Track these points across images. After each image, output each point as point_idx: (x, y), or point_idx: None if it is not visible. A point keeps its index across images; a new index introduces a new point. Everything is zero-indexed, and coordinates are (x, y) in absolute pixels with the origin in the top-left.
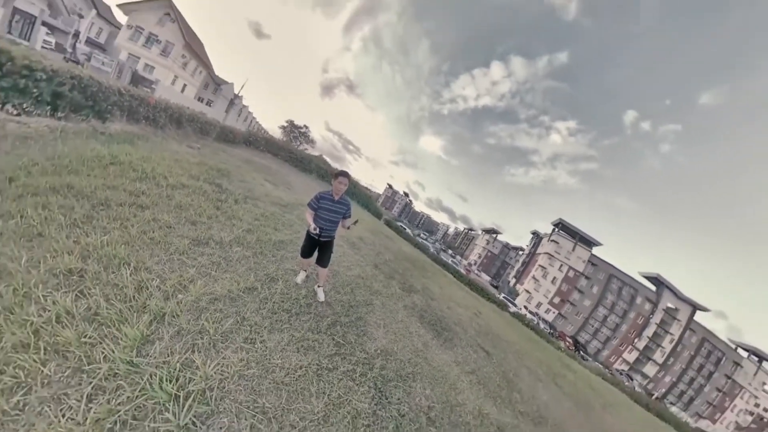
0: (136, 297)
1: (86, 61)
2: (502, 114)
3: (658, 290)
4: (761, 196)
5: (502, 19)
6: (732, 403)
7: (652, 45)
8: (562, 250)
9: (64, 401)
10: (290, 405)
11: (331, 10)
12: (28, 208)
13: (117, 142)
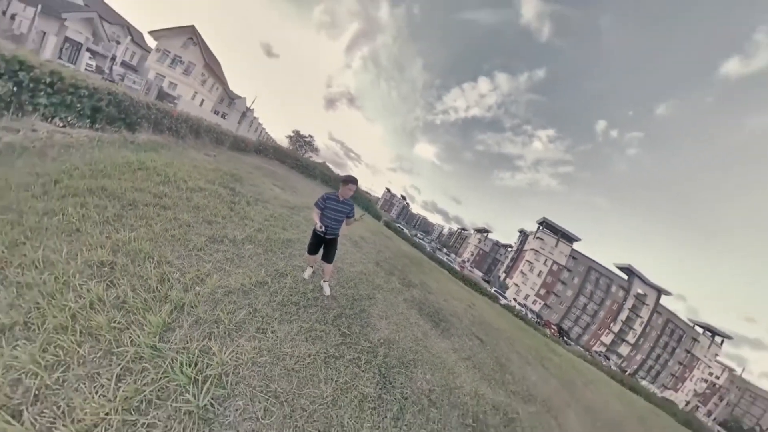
0: (158, 288)
1: (120, 80)
2: (490, 123)
3: (630, 279)
4: (713, 192)
5: (486, 41)
6: (691, 373)
7: (614, 64)
8: (546, 246)
9: (97, 379)
10: (301, 390)
11: (334, 32)
12: (68, 207)
13: (144, 150)
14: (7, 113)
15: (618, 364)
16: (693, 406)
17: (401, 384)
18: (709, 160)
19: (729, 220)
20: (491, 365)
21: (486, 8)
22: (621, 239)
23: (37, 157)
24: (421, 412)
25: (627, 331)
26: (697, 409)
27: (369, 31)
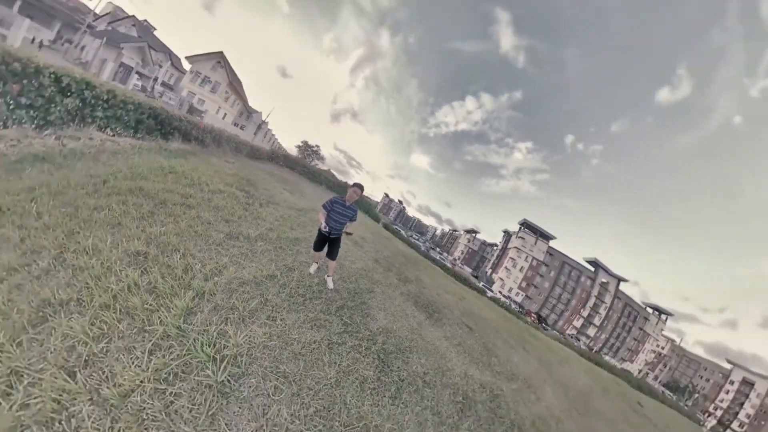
0: (183, 276)
1: (159, 97)
2: (476, 136)
3: (596, 270)
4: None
5: (472, 66)
6: (643, 346)
7: (577, 88)
8: (527, 244)
9: (133, 352)
10: (307, 371)
11: (341, 56)
12: (113, 204)
13: (174, 157)
14: (72, 124)
15: (586, 344)
16: (644, 373)
17: (398, 368)
18: (653, 169)
19: (671, 216)
20: (479, 350)
21: (471, 40)
22: (588, 236)
23: (92, 161)
24: (416, 391)
25: (594, 315)
26: (647, 375)
27: (371, 56)
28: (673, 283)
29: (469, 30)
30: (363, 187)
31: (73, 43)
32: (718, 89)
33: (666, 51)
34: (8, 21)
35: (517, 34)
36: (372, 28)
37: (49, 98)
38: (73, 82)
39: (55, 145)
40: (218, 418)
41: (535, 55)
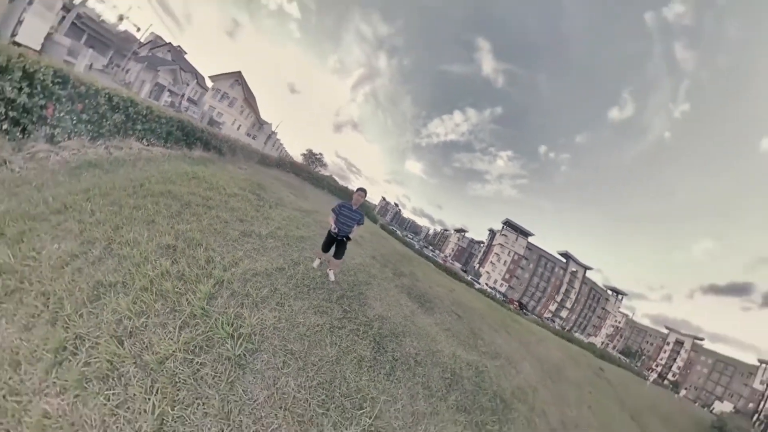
0: (205, 267)
1: (185, 111)
2: (463, 146)
3: (567, 261)
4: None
5: (459, 85)
6: (604, 322)
7: (548, 106)
8: (509, 241)
9: (166, 327)
10: (311, 350)
11: (343, 75)
12: (148, 204)
13: (197, 164)
14: (118, 136)
15: (560, 324)
16: (605, 344)
17: (392, 349)
18: (611, 173)
19: (625, 212)
20: (466, 334)
21: (457, 63)
22: (560, 231)
23: (131, 167)
24: (408, 369)
25: (566, 300)
26: (607, 346)
27: (370, 75)
28: (627, 268)
29: (456, 55)
30: (366, 191)
31: (121, 66)
32: (652, 111)
33: (614, 77)
34: (77, 51)
35: (496, 60)
36: (372, 51)
37: (102, 114)
38: (121, 101)
39: (104, 153)
40: (236, 385)
41: (512, 78)
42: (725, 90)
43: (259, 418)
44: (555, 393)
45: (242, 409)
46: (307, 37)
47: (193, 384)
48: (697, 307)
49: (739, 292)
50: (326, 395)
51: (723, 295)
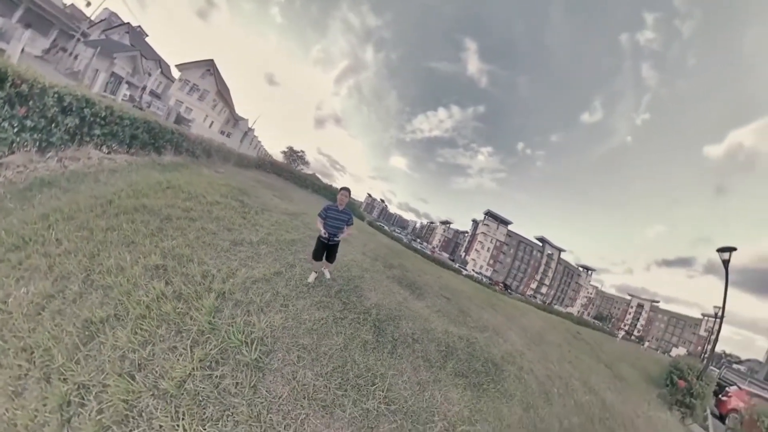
0: (203, 282)
1: (147, 107)
2: (447, 141)
3: (543, 245)
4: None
5: (444, 82)
6: (578, 294)
7: (526, 106)
8: (491, 230)
9: (176, 350)
10: (320, 342)
11: (327, 66)
12: (123, 223)
13: (169, 171)
14: (71, 144)
15: (541, 299)
16: (580, 312)
17: (391, 331)
18: (581, 169)
19: (593, 202)
20: (456, 313)
21: (444, 61)
22: (536, 219)
23: (93, 181)
24: (408, 346)
25: (544, 278)
26: (583, 314)
27: (355, 68)
28: (594, 248)
29: (443, 53)
30: (350, 190)
31: (67, 51)
32: (617, 117)
33: (587, 86)
34: (9, 33)
35: (481, 60)
36: (358, 43)
37: (51, 119)
38: (74, 101)
39: (58, 168)
40: (259, 387)
41: (495, 79)
42: (679, 106)
43: (287, 413)
44: (539, 354)
45: (270, 408)
46: (289, 23)
47: (217, 398)
48: (653, 276)
49: (684, 263)
50: (341, 378)
51: (672, 266)
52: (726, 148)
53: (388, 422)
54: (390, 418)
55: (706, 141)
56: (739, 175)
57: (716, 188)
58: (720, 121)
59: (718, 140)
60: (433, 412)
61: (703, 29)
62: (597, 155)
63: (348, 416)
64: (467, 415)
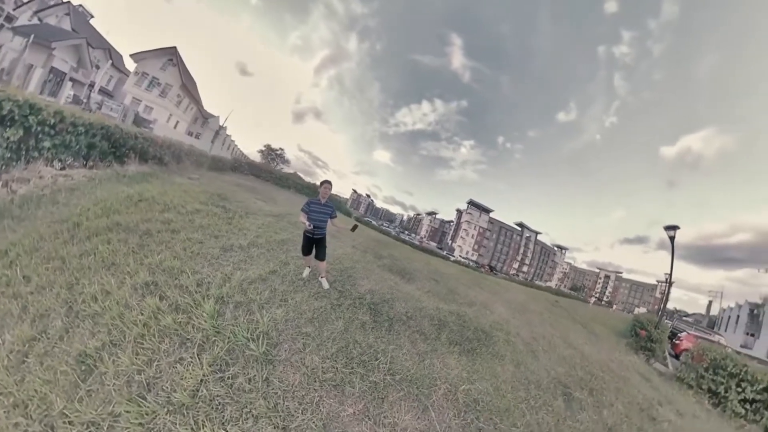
0: (199, 290)
1: (98, 108)
2: (430, 135)
3: (522, 230)
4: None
5: (429, 76)
6: (555, 270)
7: (506, 103)
8: (474, 218)
9: (184, 361)
10: (322, 328)
11: (306, 55)
12: (98, 246)
13: (137, 182)
14: (16, 163)
15: (523, 277)
16: (558, 285)
17: (386, 312)
18: (555, 163)
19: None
20: (445, 292)
21: (429, 54)
22: (515, 207)
23: (51, 204)
24: (403, 323)
25: (524, 259)
26: (560, 286)
27: (337, 57)
28: (567, 230)
29: (428, 46)
30: (331, 183)
31: None
32: (589, 118)
33: (565, 88)
34: None
35: (466, 57)
36: (342, 31)
37: None
38: (15, 107)
39: (4, 193)
40: (271, 379)
41: (478, 75)
42: (642, 113)
43: (302, 398)
44: (523, 321)
45: (285, 397)
46: (265, 5)
47: (233, 397)
48: (616, 253)
49: (641, 241)
50: (346, 358)
51: (631, 244)
52: (677, 150)
53: (395, 391)
54: (397, 387)
55: (662, 143)
56: (686, 172)
57: (667, 182)
58: (674, 128)
59: (671, 143)
60: (434, 377)
61: (669, 52)
62: (569, 150)
63: (358, 391)
64: (466, 376)
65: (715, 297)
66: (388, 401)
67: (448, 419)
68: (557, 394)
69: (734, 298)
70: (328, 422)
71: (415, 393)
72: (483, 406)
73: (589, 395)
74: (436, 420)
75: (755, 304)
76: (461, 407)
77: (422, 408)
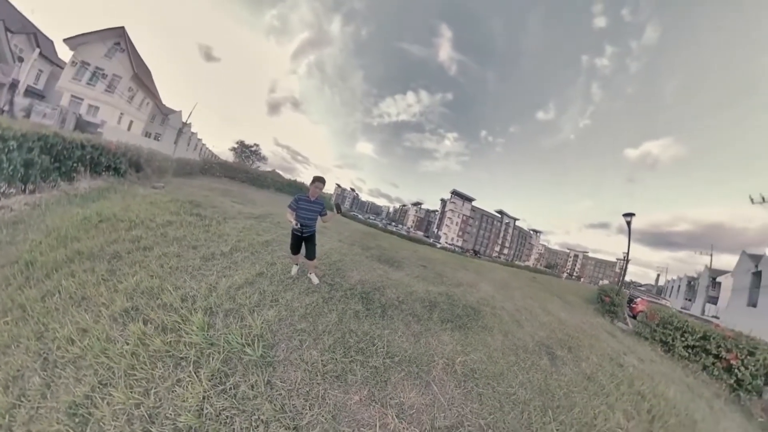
0: (184, 305)
1: (26, 116)
2: (414, 126)
3: (502, 216)
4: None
5: (414, 66)
6: (532, 252)
7: (490, 98)
8: (457, 207)
9: (182, 382)
10: (316, 322)
11: (283, 38)
12: (61, 282)
13: (92, 200)
14: None
15: (504, 258)
16: (535, 264)
17: (378, 299)
18: (534, 157)
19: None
20: (433, 276)
21: (417, 44)
22: (495, 196)
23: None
24: (396, 308)
25: (505, 242)
26: (537, 265)
27: (318, 41)
28: (541, 216)
29: (417, 36)
30: (322, 179)
31: None
32: (566, 119)
33: (546, 89)
34: None
35: (454, 49)
36: (324, 12)
37: None
38: None
39: None
40: (274, 381)
41: (465, 69)
42: (613, 119)
43: (306, 394)
44: (506, 296)
45: (290, 396)
46: None
47: (239, 407)
48: (583, 236)
49: (604, 227)
50: (344, 348)
51: (596, 228)
52: (639, 153)
53: (396, 372)
54: (397, 369)
55: (626, 146)
56: (644, 171)
57: (628, 178)
58: (639, 134)
59: (635, 146)
60: (431, 354)
61: (644, 70)
62: (546, 146)
63: (360, 378)
64: (460, 349)
65: (662, 272)
66: (391, 383)
67: (450, 390)
68: (542, 354)
69: (676, 273)
70: (337, 413)
71: (416, 371)
72: (480, 374)
73: (568, 352)
74: (439, 393)
75: (692, 278)
76: (460, 378)
77: (424, 384)
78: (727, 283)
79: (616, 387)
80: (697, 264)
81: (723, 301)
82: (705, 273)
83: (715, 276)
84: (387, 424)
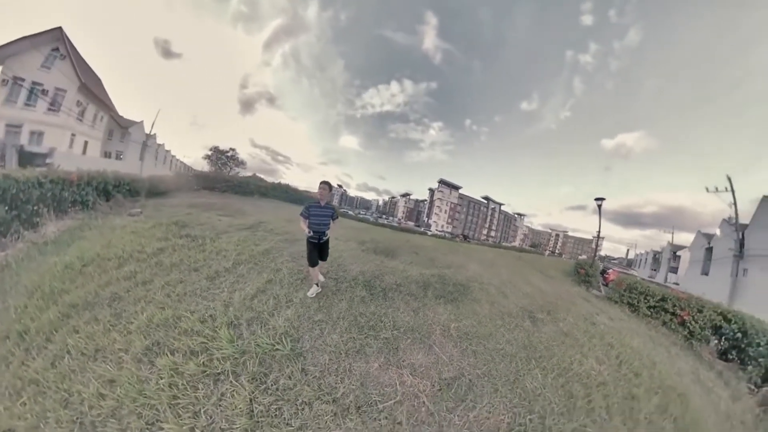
0: (206, 326)
1: None
2: (399, 116)
3: (488, 202)
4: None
5: (398, 55)
6: (517, 233)
7: (476, 88)
8: (445, 195)
9: (226, 394)
10: (330, 311)
11: (252, 26)
12: (66, 340)
13: (67, 245)
14: None
15: (492, 241)
16: (521, 245)
17: (379, 285)
18: (517, 145)
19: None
20: (425, 261)
21: (400, 32)
22: (480, 183)
23: None
24: (395, 290)
25: (492, 226)
26: (521, 245)
27: (293, 29)
28: (524, 200)
29: (400, 23)
30: (330, 183)
31: None
32: (548, 110)
33: (530, 80)
34: None
35: (439, 38)
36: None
37: None
38: None
39: None
40: (307, 368)
41: (450, 58)
42: (593, 112)
43: (336, 370)
44: (494, 273)
45: (323, 375)
46: None
47: (284, 397)
48: (564, 217)
49: (581, 209)
50: (358, 328)
51: (575, 210)
52: (615, 143)
53: (404, 340)
54: (404, 337)
55: (603, 137)
56: (618, 160)
57: (604, 166)
58: (615, 126)
59: (611, 137)
60: (429, 323)
61: (624, 69)
62: (529, 135)
63: (376, 349)
64: (453, 318)
65: (631, 247)
66: (401, 349)
67: (449, 350)
68: (525, 318)
69: (644, 248)
70: (363, 380)
71: (420, 338)
72: (472, 335)
73: (547, 315)
74: (440, 353)
75: (657, 252)
76: (456, 340)
77: (428, 347)
78: (685, 256)
79: (588, 340)
80: (662, 240)
81: (682, 270)
82: (667, 248)
83: (675, 250)
84: (404, 381)
